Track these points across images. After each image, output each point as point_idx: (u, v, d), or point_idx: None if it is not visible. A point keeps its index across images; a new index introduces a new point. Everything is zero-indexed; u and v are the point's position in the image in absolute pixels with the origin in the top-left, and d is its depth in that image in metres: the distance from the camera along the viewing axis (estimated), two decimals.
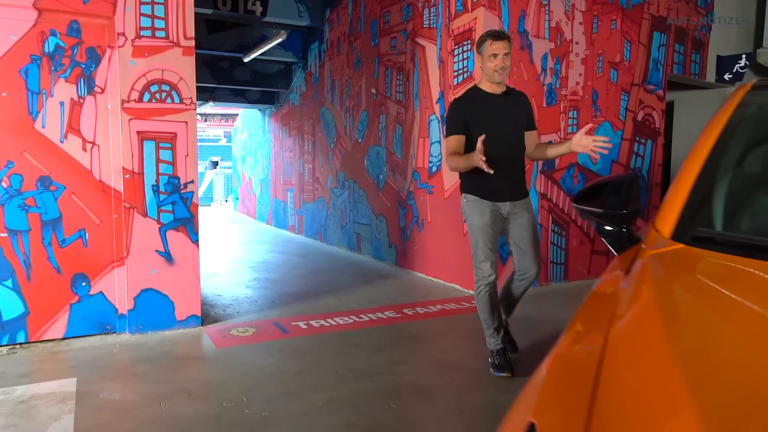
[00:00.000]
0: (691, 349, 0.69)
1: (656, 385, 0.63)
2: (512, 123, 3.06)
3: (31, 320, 3.55)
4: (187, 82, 3.82)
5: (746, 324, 0.76)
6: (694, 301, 0.86)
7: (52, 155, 3.54)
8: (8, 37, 3.38)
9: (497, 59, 2.93)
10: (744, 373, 0.64)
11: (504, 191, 3.02)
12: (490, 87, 3.05)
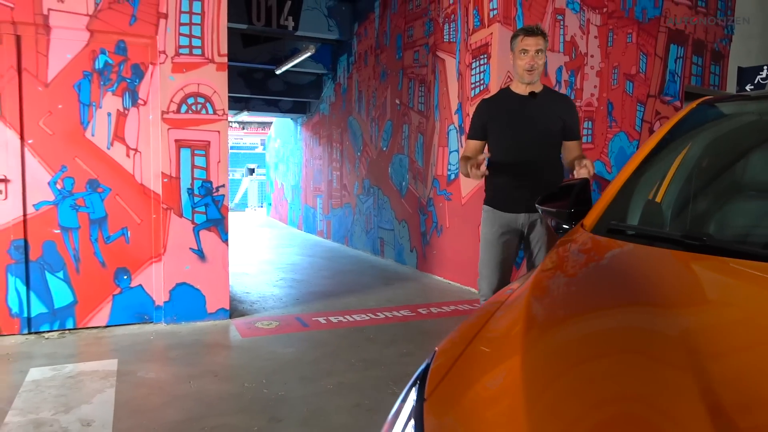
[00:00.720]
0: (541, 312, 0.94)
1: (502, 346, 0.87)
2: (534, 127, 2.71)
3: (78, 309, 3.95)
4: (220, 95, 4.19)
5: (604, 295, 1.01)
6: (565, 278, 1.11)
7: (99, 161, 3.95)
8: (64, 56, 3.81)
9: (527, 57, 2.64)
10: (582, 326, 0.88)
11: (519, 201, 2.71)
12: (519, 88, 2.76)
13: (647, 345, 0.77)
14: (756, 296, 0.96)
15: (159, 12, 3.96)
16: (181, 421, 2.58)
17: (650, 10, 5.84)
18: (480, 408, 0.73)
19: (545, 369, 0.75)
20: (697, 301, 0.95)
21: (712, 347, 0.75)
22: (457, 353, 0.89)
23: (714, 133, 1.78)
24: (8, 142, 3.71)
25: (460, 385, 0.80)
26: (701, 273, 1.04)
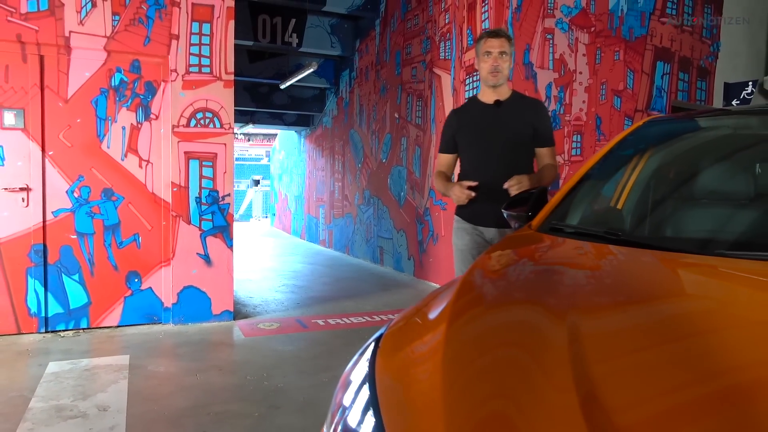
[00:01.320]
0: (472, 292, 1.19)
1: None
2: (501, 137, 2.59)
3: (92, 309, 4.22)
4: (227, 110, 4.48)
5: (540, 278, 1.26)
6: (501, 266, 1.36)
7: (114, 171, 4.23)
8: (83, 74, 4.12)
9: (490, 59, 2.54)
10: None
11: (488, 215, 2.59)
12: (486, 95, 2.66)
13: (539, 319, 1.03)
14: (654, 277, 1.20)
15: (171, 33, 4.26)
16: (188, 407, 2.83)
17: (637, 29, 6.12)
18: (411, 364, 0.99)
19: (462, 338, 0.99)
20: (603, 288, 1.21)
21: (598, 334, 0.96)
22: (403, 323, 1.15)
23: (656, 146, 2.04)
24: (31, 153, 4.00)
25: (400, 345, 1.06)
26: (614, 262, 1.29)
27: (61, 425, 2.60)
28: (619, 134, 1.98)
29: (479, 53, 2.61)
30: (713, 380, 0.78)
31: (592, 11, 5.82)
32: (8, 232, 3.97)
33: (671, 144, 2.00)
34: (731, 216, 1.66)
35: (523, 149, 2.65)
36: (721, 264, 1.18)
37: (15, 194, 3.98)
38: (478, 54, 2.62)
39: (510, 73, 2.63)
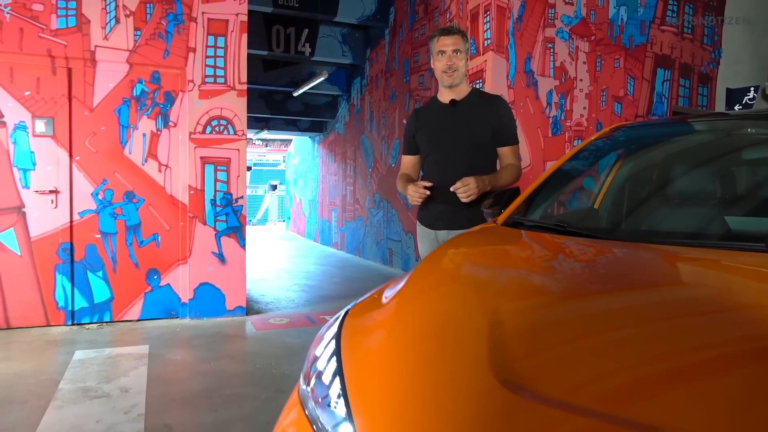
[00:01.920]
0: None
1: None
2: (455, 139, 2.50)
3: (115, 304, 4.52)
4: (240, 118, 4.76)
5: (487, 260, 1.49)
6: (465, 250, 1.58)
7: (135, 175, 4.54)
8: (107, 85, 4.43)
9: (444, 58, 2.45)
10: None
11: (440, 218, 2.52)
12: (443, 94, 2.57)
13: (472, 290, 1.25)
14: (588, 262, 1.42)
15: (188, 47, 4.57)
16: (202, 390, 3.10)
17: (637, 37, 6.30)
18: (367, 326, 1.22)
19: (406, 307, 1.23)
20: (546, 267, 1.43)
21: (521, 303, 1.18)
22: (368, 299, 1.39)
23: (622, 150, 2.26)
24: (59, 158, 4.32)
25: (362, 312, 1.30)
26: (556, 249, 1.52)
27: (87, 404, 2.87)
28: (589, 138, 2.20)
29: (433, 52, 2.50)
30: (601, 333, 1.01)
31: (592, 21, 6.02)
32: (39, 231, 4.29)
33: (632, 148, 2.22)
34: (674, 211, 1.87)
35: (481, 150, 2.51)
36: (644, 248, 1.41)
37: (45, 196, 4.30)
38: (432, 53, 2.52)
39: (466, 69, 2.53)
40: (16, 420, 2.67)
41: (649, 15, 6.36)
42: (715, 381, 0.81)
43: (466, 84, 2.57)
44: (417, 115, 2.66)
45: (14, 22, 4.10)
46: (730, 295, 1.10)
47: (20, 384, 3.13)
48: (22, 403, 2.88)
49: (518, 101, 5.67)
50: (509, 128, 2.55)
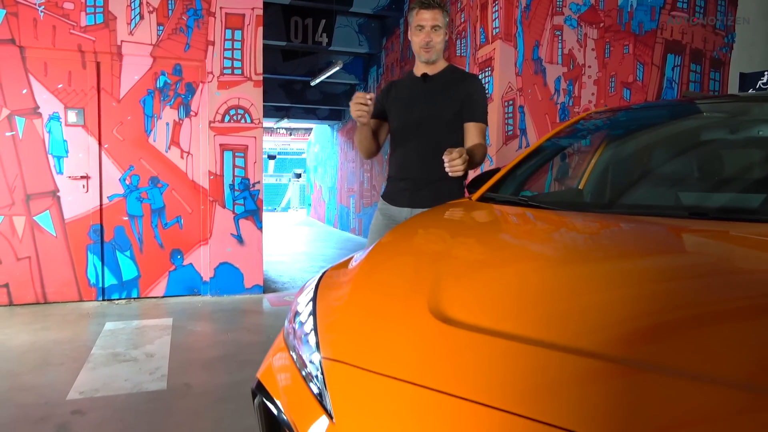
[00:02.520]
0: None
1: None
2: (422, 114, 2.42)
3: (141, 282, 4.86)
4: (257, 107, 5.03)
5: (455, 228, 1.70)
6: (438, 218, 1.80)
7: (159, 161, 4.85)
8: (133, 77, 4.73)
9: (423, 33, 2.36)
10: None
11: (403, 195, 2.44)
12: (418, 69, 2.49)
13: (425, 251, 1.48)
14: (540, 228, 1.63)
15: (208, 40, 4.84)
16: (219, 356, 3.39)
17: (647, 23, 6.36)
18: (338, 280, 1.46)
19: (368, 266, 1.46)
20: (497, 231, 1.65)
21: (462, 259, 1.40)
22: (343, 261, 1.63)
23: (602, 134, 2.45)
24: (89, 146, 4.65)
25: (336, 270, 1.55)
26: (514, 220, 1.73)
27: (116, 366, 3.19)
28: (564, 123, 2.39)
29: (411, 25, 2.41)
30: (516, 280, 1.23)
31: (601, 8, 6.10)
32: (72, 214, 4.63)
33: (610, 134, 2.40)
34: (637, 187, 2.07)
35: (449, 126, 2.42)
36: (590, 215, 1.62)
37: (77, 181, 4.64)
38: (411, 25, 2.42)
39: (445, 46, 2.45)
40: (54, 378, 3.00)
41: (659, 1, 6.40)
42: (604, 297, 1.03)
43: (443, 60, 2.48)
44: (390, 87, 2.57)
45: (47, 20, 4.42)
46: (644, 244, 1.31)
47: (57, 349, 3.47)
48: (59, 364, 3.21)
49: (526, 88, 5.82)
50: (478, 105, 2.43)
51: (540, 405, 0.83)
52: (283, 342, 1.41)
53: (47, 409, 2.61)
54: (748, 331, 0.89)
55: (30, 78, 4.46)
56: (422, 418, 0.92)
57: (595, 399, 0.82)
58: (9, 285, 4.51)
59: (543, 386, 0.87)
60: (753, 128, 2.03)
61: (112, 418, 2.54)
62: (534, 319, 1.04)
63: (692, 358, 0.84)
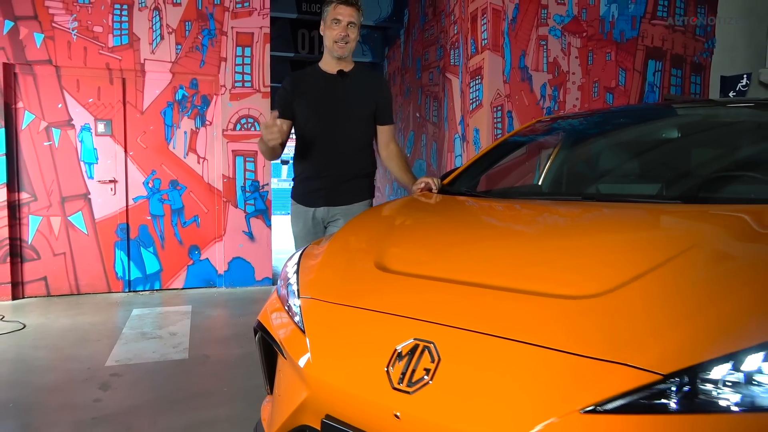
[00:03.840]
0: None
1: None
2: (341, 111, 2.44)
3: (163, 275, 5.40)
4: (265, 116, 5.55)
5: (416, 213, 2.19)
6: (401, 207, 2.29)
7: (178, 166, 5.39)
8: (154, 91, 5.29)
9: (339, 27, 2.36)
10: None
11: (319, 194, 2.47)
12: (329, 64, 2.47)
13: (377, 227, 1.97)
14: (469, 211, 2.11)
15: (220, 57, 5.38)
16: (232, 335, 3.91)
17: (628, 32, 6.80)
18: (314, 253, 1.95)
19: (337, 238, 1.95)
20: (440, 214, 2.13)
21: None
22: (321, 239, 2.13)
23: (541, 139, 2.93)
24: (117, 154, 5.21)
25: (315, 246, 2.04)
26: (457, 206, 2.21)
27: (144, 342, 3.72)
28: (517, 129, 2.87)
29: (326, 19, 2.40)
30: (440, 243, 1.71)
31: (583, 18, 6.55)
32: (101, 214, 5.19)
33: (556, 139, 2.88)
34: (573, 180, 2.54)
35: (364, 125, 2.51)
36: (516, 201, 2.10)
37: (106, 185, 5.20)
38: (325, 19, 2.42)
39: (356, 46, 2.45)
40: (93, 350, 3.53)
41: (639, 11, 6.83)
42: (486, 254, 1.52)
43: (350, 58, 2.49)
44: (296, 81, 2.49)
45: (80, 42, 4.99)
46: (533, 217, 1.80)
47: (93, 329, 4.02)
48: (96, 340, 3.75)
49: (513, 94, 6.28)
50: (389, 108, 2.57)
51: (435, 313, 1.31)
52: (275, 295, 1.90)
53: (90, 373, 3.13)
54: (551, 266, 1.37)
55: (64, 94, 5.03)
56: (360, 326, 1.41)
57: (466, 306, 1.30)
58: (47, 278, 5.08)
59: (437, 302, 1.36)
60: (663, 132, 2.50)
61: (144, 379, 3.06)
62: (438, 266, 1.53)
63: (519, 282, 1.32)
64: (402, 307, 1.38)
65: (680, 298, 1.13)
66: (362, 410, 1.30)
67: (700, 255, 1.26)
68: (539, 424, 1.02)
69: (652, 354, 1.02)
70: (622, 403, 1.00)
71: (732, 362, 0.99)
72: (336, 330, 1.47)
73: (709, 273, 1.21)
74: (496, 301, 1.29)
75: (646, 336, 1.06)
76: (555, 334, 1.13)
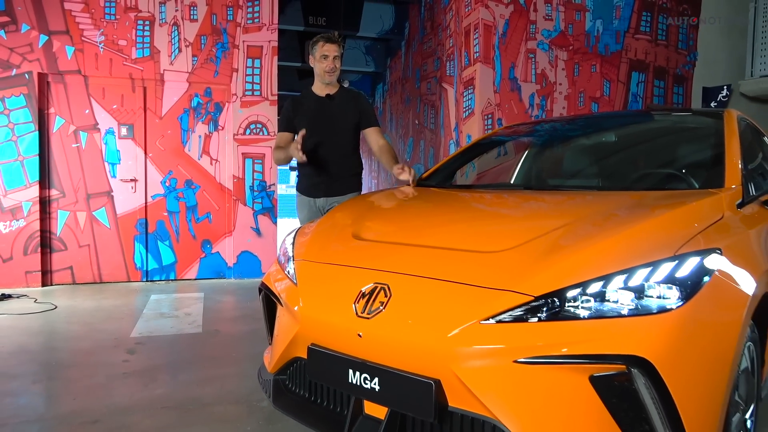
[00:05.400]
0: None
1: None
2: (333, 126, 3.10)
3: (178, 266, 5.90)
4: (272, 122, 6.06)
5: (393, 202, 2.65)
6: (381, 197, 2.75)
7: (193, 167, 5.90)
8: (172, 99, 5.81)
9: (327, 61, 3.03)
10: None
11: (319, 188, 3.13)
12: (319, 88, 3.16)
13: (358, 208, 2.44)
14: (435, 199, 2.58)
15: (232, 68, 5.90)
16: (241, 315, 4.40)
17: (612, 45, 7.26)
18: (305, 231, 2.42)
19: (326, 220, 2.43)
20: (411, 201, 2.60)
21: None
22: (309, 222, 2.61)
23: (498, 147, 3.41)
24: (137, 155, 5.73)
25: (305, 227, 2.51)
26: (426, 194, 2.69)
27: (163, 320, 4.21)
28: (474, 139, 3.35)
29: (316, 55, 3.07)
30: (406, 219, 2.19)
31: (570, 33, 7.03)
32: (123, 210, 5.71)
33: (507, 140, 3.36)
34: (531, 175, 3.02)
35: (350, 134, 3.19)
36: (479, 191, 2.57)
37: (127, 183, 5.71)
38: (315, 55, 3.08)
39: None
40: (119, 326, 4.02)
41: (623, 26, 7.29)
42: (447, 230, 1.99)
43: (335, 81, 3.18)
44: (296, 103, 3.18)
45: (106, 54, 5.53)
46: (482, 200, 2.27)
47: (117, 310, 4.52)
48: (120, 318, 4.24)
49: (503, 103, 6.75)
50: (371, 113, 3.25)
51: (390, 265, 1.78)
52: (276, 263, 2.38)
53: (117, 342, 3.62)
54: (467, 230, 1.85)
55: (91, 100, 5.57)
56: (336, 277, 1.89)
57: (412, 260, 1.78)
58: (73, 267, 5.59)
59: (393, 258, 1.83)
60: (597, 137, 2.97)
61: (164, 347, 3.54)
62: (398, 235, 2.02)
63: (451, 243, 1.80)
64: (367, 262, 1.86)
65: (552, 252, 1.60)
66: (335, 335, 1.77)
67: (575, 226, 1.74)
68: (454, 329, 1.50)
69: (528, 284, 1.50)
70: (508, 315, 1.47)
71: (580, 288, 1.46)
72: (319, 281, 1.95)
73: (575, 236, 1.68)
74: (432, 256, 1.76)
75: (526, 274, 1.53)
76: (468, 275, 1.61)
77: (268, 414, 2.49)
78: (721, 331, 1.50)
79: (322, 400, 1.92)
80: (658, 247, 1.54)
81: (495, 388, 1.45)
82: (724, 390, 1.45)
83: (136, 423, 2.40)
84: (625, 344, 1.38)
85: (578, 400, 1.40)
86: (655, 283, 1.45)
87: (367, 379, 1.66)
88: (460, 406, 1.52)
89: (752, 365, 1.81)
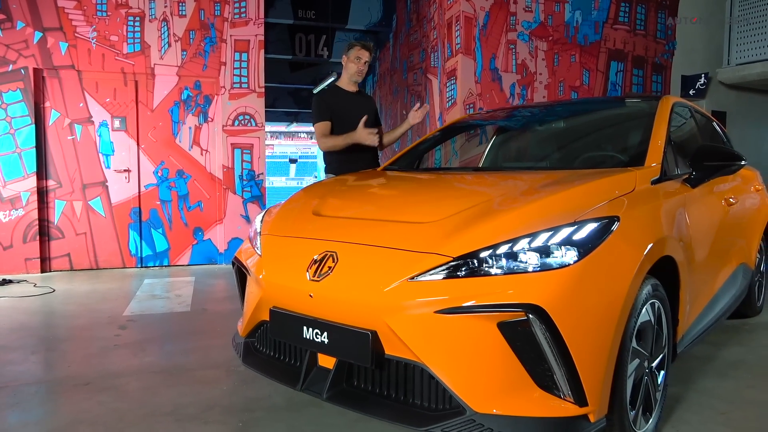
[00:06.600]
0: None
1: None
2: (360, 116, 3.53)
3: (171, 253, 6.16)
4: (260, 113, 6.29)
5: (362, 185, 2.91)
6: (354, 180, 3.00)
7: (184, 158, 6.14)
8: (163, 92, 6.05)
9: (359, 63, 3.63)
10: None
11: (346, 169, 3.46)
12: (348, 86, 3.72)
13: (321, 190, 2.69)
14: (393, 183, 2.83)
15: (221, 61, 6.13)
16: (228, 296, 4.66)
17: (591, 36, 7.46)
18: (273, 211, 2.67)
19: (291, 199, 2.68)
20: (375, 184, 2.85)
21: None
22: (279, 203, 2.86)
23: (461, 135, 3.64)
24: (130, 146, 5.97)
25: (274, 207, 2.76)
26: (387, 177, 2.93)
27: (154, 301, 4.47)
28: (440, 127, 3.59)
29: (351, 56, 3.69)
30: (363, 199, 2.43)
31: (549, 24, 7.23)
32: (117, 199, 5.96)
33: (462, 132, 3.61)
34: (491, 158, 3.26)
35: (371, 125, 3.69)
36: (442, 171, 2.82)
37: (121, 174, 5.96)
38: (350, 56, 3.70)
39: None
40: (113, 305, 4.29)
41: (602, 16, 7.49)
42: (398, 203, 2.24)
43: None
44: (328, 96, 3.76)
45: (98, 50, 5.76)
46: (441, 179, 2.52)
47: (111, 293, 4.78)
48: (115, 299, 4.51)
49: (484, 93, 6.98)
50: (377, 114, 3.96)
51: (339, 236, 2.03)
52: (248, 239, 2.63)
53: (111, 319, 3.89)
54: (423, 204, 2.10)
55: (85, 94, 5.80)
56: (294, 247, 2.14)
57: (358, 231, 2.02)
58: (70, 254, 5.85)
59: (342, 230, 2.08)
60: (549, 123, 3.21)
61: (154, 323, 3.81)
62: (351, 211, 2.27)
63: (393, 216, 2.04)
64: (321, 234, 2.11)
65: (472, 221, 1.85)
66: (291, 297, 2.03)
67: (497, 200, 1.99)
68: (387, 287, 1.75)
69: (448, 247, 1.75)
70: (431, 274, 1.72)
71: (491, 249, 1.71)
72: (280, 251, 2.20)
73: (494, 208, 1.93)
74: (375, 227, 2.02)
75: (448, 239, 1.78)
76: (401, 241, 1.86)
77: (244, 376, 2.75)
78: (612, 284, 1.75)
79: (284, 356, 2.17)
80: (563, 215, 1.79)
81: (420, 336, 1.71)
82: (612, 334, 1.70)
83: (124, 384, 2.66)
84: (525, 295, 1.63)
85: (489, 343, 1.66)
86: (556, 245, 1.70)
87: (318, 334, 1.91)
88: (394, 353, 1.77)
89: (659, 321, 2.06)
